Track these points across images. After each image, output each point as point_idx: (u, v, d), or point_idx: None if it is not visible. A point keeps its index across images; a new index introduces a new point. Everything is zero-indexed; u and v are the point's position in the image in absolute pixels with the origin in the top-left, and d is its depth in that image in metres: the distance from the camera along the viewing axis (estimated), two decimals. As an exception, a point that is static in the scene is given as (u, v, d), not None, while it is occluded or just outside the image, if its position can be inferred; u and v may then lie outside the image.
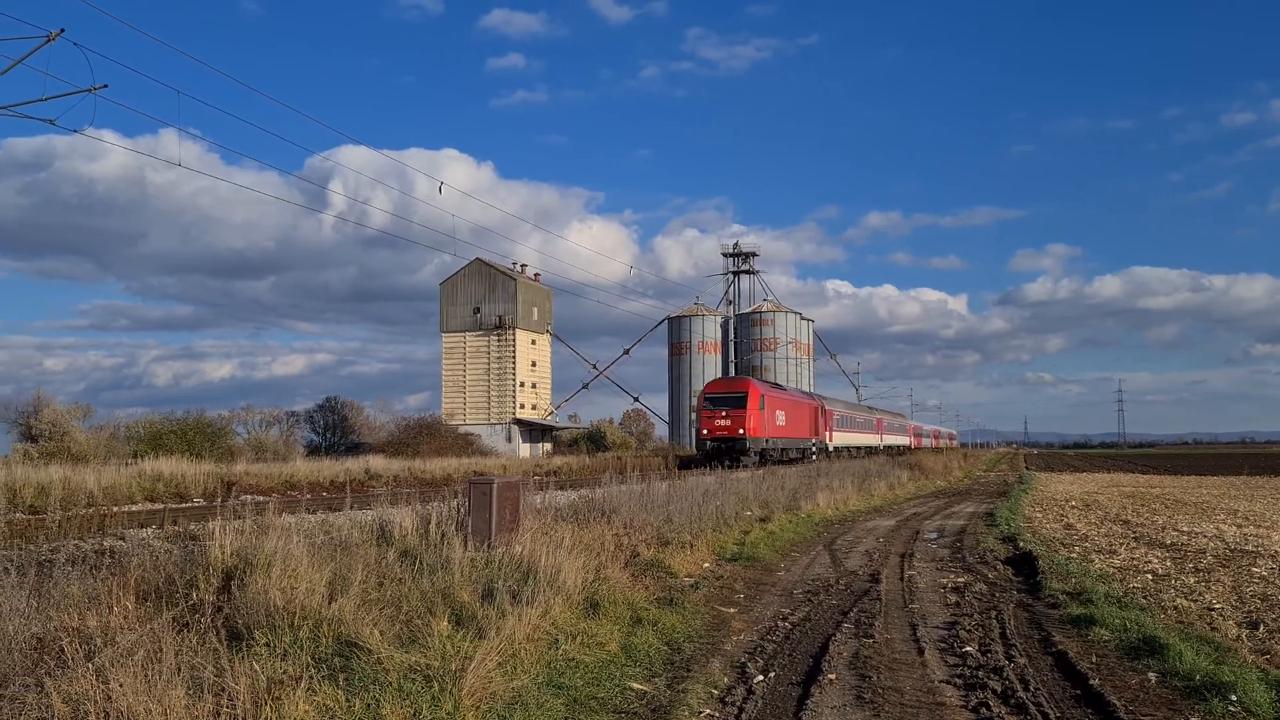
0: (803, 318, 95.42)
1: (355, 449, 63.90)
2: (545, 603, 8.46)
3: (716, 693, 7.50)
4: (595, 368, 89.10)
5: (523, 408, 76.64)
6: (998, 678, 7.74)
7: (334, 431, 74.75)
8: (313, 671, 6.02)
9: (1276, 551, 15.54)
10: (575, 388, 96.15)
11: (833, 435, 59.07)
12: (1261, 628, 9.56)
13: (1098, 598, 10.97)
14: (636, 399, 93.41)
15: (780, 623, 10.25)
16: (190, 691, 5.44)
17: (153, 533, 11.27)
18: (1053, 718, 6.73)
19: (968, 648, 8.89)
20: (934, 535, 20.06)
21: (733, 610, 11.02)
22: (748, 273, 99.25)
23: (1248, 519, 22.40)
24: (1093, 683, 7.56)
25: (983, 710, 6.93)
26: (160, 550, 8.53)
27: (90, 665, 5.46)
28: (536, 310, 79.57)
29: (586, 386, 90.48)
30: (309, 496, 11.65)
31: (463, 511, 10.81)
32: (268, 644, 6.50)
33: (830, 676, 7.84)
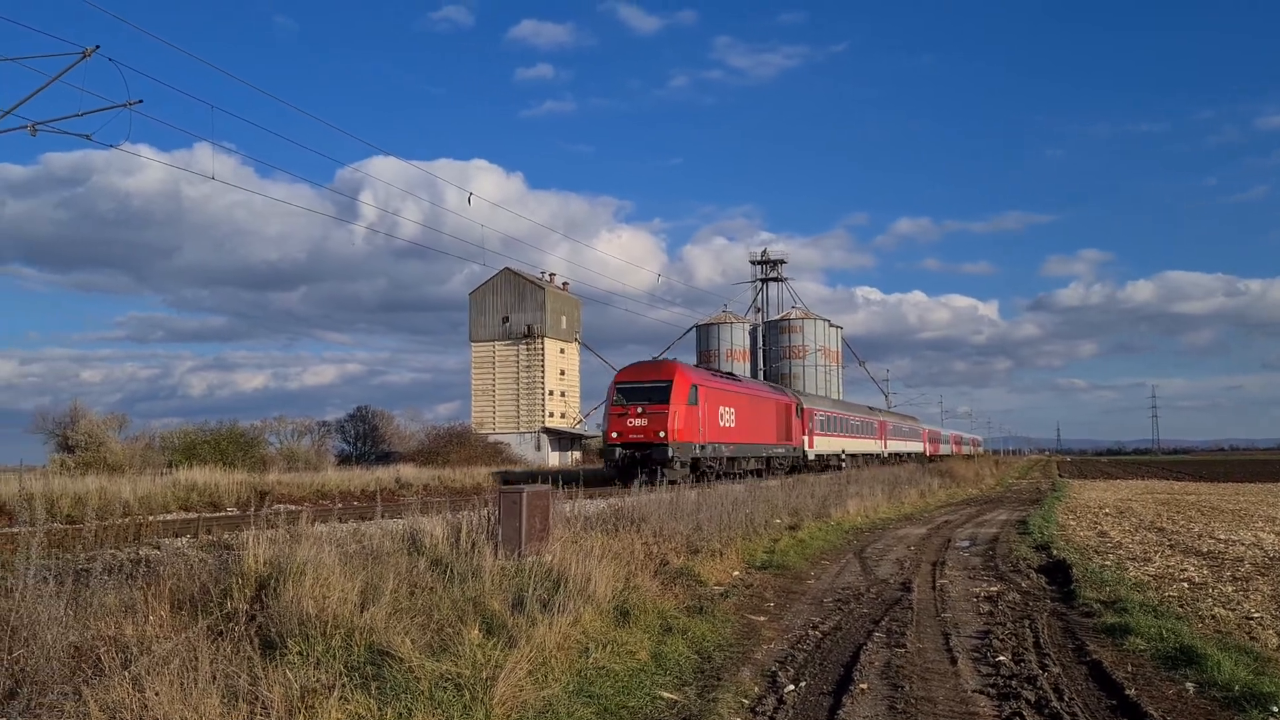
0: (831, 325, 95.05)
1: (386, 458, 64.24)
2: (575, 611, 8.47)
3: (747, 702, 7.47)
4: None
5: (551, 416, 76.84)
6: (1031, 687, 7.67)
7: (365, 441, 75.18)
8: (345, 680, 6.07)
9: (1316, 559, 15.29)
10: (604, 396, 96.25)
11: (813, 440, 48.57)
12: (1301, 637, 9.41)
13: (1133, 606, 10.84)
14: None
15: (811, 631, 10.21)
16: (225, 700, 5.49)
17: (187, 542, 11.38)
18: (1088, 728, 6.66)
19: (1001, 657, 8.81)
20: (966, 543, 19.90)
21: (763, 619, 10.98)
22: (776, 280, 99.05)
23: (1286, 526, 22.06)
24: (1129, 693, 7.47)
25: (1017, 720, 6.87)
26: (195, 559, 8.62)
27: (127, 673, 5.52)
28: (565, 319, 79.81)
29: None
30: (340, 505, 11.73)
31: (493, 520, 10.85)
32: (301, 652, 6.55)
33: (862, 686, 7.80)
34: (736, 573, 13.87)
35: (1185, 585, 12.65)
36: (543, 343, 76.18)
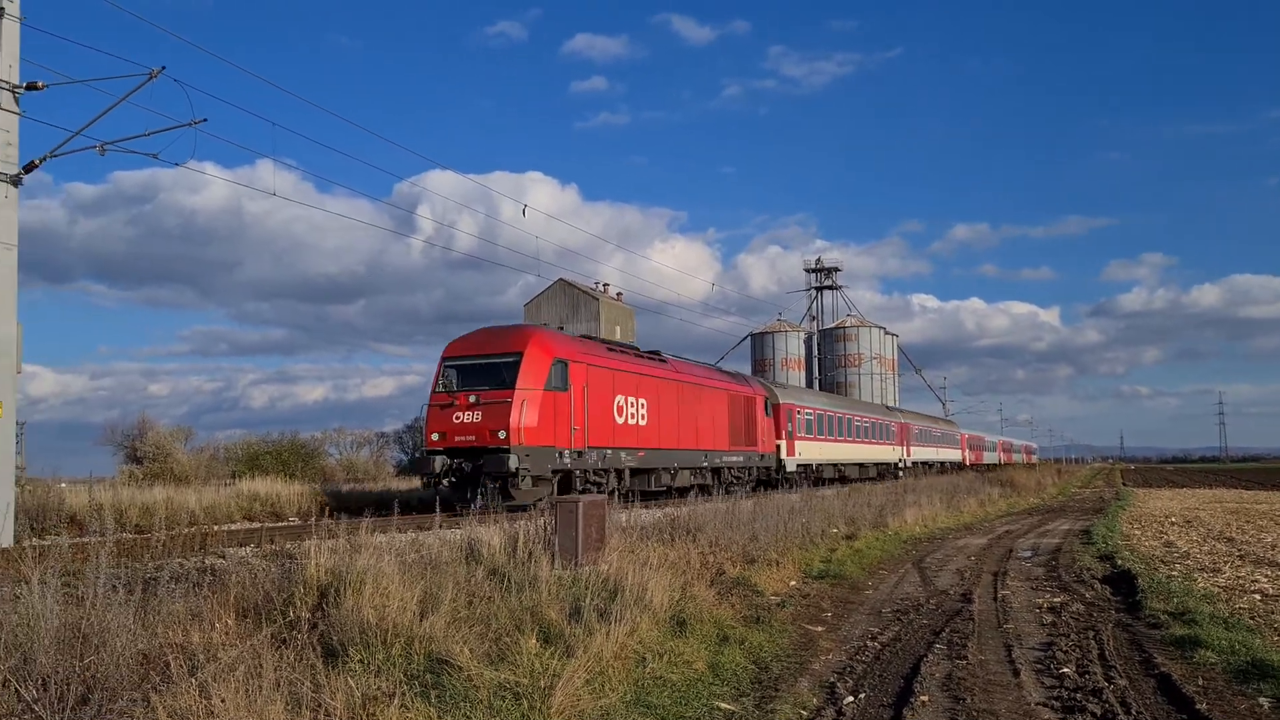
0: (887, 332, 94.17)
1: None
2: (632, 621, 8.47)
3: (805, 713, 7.42)
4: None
5: (606, 426, 76.91)
6: (1097, 700, 7.51)
7: (422, 452, 75.84)
8: (405, 688, 6.14)
9: (1395, 570, 14.81)
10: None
11: (794, 445, 37.81)
12: (1380, 650, 9.11)
13: (1202, 618, 10.57)
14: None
15: (869, 642, 10.10)
16: (289, 707, 5.58)
17: (251, 551, 11.59)
18: (1157, 742, 6.52)
19: (1065, 669, 8.65)
20: (1028, 553, 19.57)
21: (820, 629, 10.89)
22: (830, 288, 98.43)
23: (1363, 536, 21.38)
24: (1199, 707, 7.29)
25: (1082, 734, 6.73)
26: (258, 568, 8.77)
27: (193, 680, 5.63)
28: (619, 329, 79.96)
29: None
30: (399, 515, 11.91)
31: (549, 530, 10.90)
32: (362, 660, 6.63)
33: (923, 698, 7.69)
34: (793, 582, 13.78)
35: (1257, 597, 12.31)
36: (597, 353, 76.38)
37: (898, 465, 54.24)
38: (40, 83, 16.59)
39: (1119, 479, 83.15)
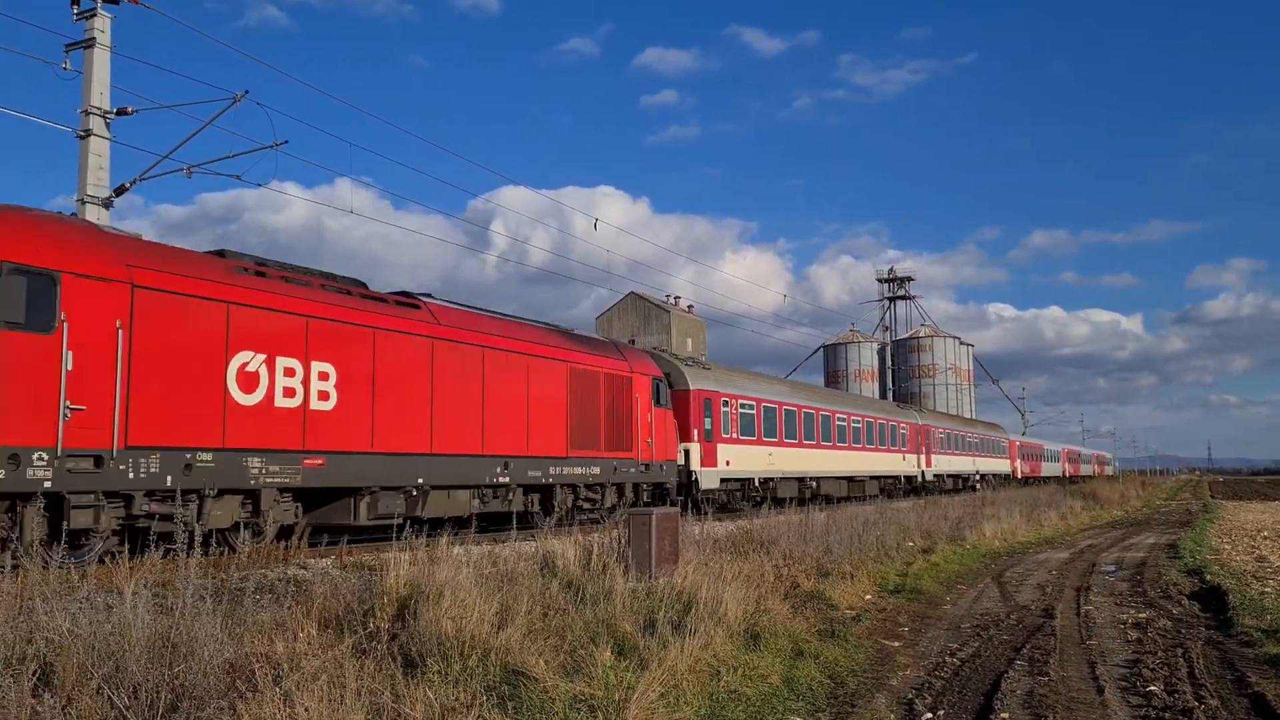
0: (962, 342, 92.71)
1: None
2: (706, 634, 8.46)
3: (883, 729, 7.33)
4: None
5: (678, 439, 76.84)
6: (1186, 720, 7.30)
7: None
8: (483, 699, 6.21)
9: None
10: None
11: (715, 450, 26.62)
12: None
13: (1298, 636, 10.22)
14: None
15: (948, 658, 9.94)
16: (369, 716, 5.70)
17: (332, 563, 11.83)
18: (1250, 764, 6.32)
19: (1152, 687, 8.42)
20: (1111, 568, 19.09)
21: (897, 644, 10.75)
22: (903, 298, 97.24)
23: None
24: (1294, 728, 7.05)
25: (1171, 754, 6.55)
26: (340, 580, 8.95)
27: (278, 689, 5.77)
28: (690, 341, 79.90)
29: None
30: (475, 528, 12.03)
31: (623, 543, 10.94)
32: (440, 671, 6.73)
33: (1003, 716, 7.55)
34: (868, 596, 13.63)
35: (1356, 614, 11.85)
36: (668, 365, 76.39)
37: (916, 479, 43.69)
38: (130, 108, 17.23)
39: (1206, 491, 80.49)
